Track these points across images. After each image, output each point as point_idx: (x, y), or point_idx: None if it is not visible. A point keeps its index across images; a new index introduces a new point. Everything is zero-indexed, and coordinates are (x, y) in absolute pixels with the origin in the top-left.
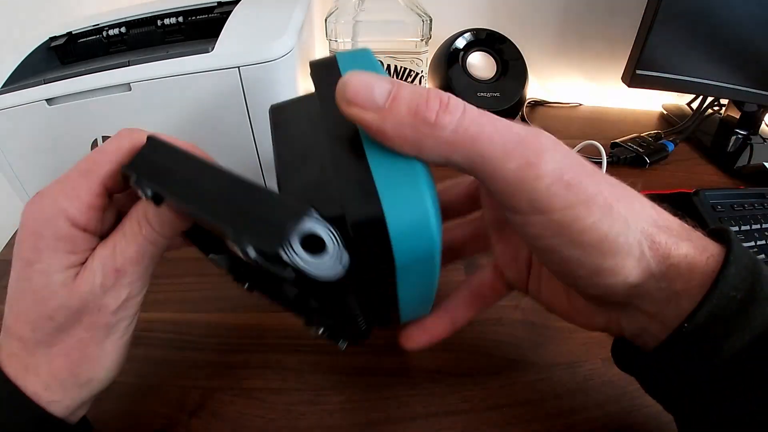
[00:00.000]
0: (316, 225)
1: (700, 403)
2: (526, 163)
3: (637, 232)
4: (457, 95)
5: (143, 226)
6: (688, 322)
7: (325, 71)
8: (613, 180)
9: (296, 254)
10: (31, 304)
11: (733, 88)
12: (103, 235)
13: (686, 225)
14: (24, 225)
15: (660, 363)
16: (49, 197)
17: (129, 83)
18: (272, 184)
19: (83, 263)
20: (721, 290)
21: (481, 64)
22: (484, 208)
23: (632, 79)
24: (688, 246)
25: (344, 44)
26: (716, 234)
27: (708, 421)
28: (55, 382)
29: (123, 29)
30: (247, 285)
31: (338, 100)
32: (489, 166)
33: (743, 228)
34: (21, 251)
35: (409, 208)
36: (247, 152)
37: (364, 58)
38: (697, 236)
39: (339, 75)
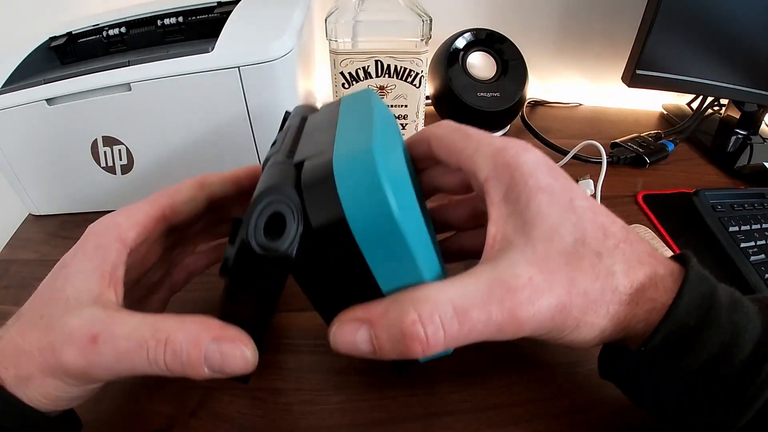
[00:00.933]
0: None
1: (665, 412)
2: (515, 331)
3: (608, 317)
4: (457, 95)
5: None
6: (645, 346)
7: (331, 104)
8: (587, 266)
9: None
10: (41, 301)
11: (733, 88)
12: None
13: (653, 264)
14: (80, 239)
15: (629, 376)
16: (109, 216)
17: (129, 83)
18: None
19: (104, 286)
20: (674, 318)
21: (481, 64)
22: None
23: (632, 79)
24: (653, 291)
25: (344, 44)
26: (680, 258)
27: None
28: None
29: (123, 29)
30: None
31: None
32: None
33: (743, 228)
34: (65, 255)
35: (363, 189)
36: (247, 152)
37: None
38: (662, 277)
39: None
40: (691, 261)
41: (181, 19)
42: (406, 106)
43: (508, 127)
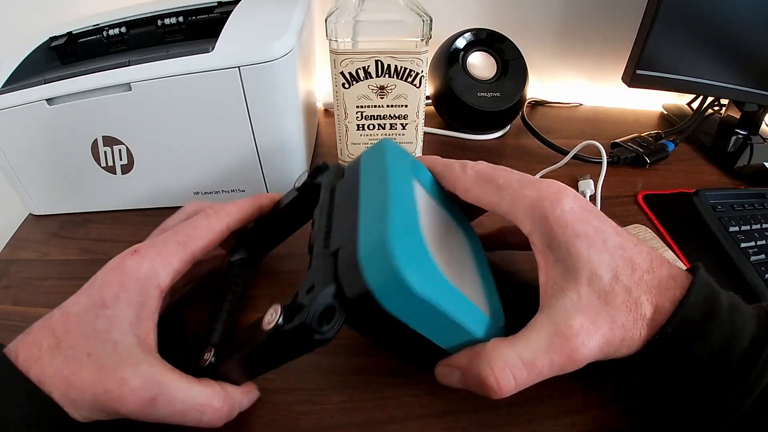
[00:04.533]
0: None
1: (674, 398)
2: (573, 368)
3: (641, 337)
4: (457, 95)
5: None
6: (659, 335)
7: (353, 165)
8: (621, 302)
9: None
10: (84, 337)
11: (733, 88)
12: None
13: (671, 285)
14: (114, 271)
15: (638, 365)
16: (148, 258)
17: (129, 83)
18: (272, 183)
19: (145, 332)
20: (682, 313)
21: (481, 64)
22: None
23: (632, 79)
24: (669, 304)
25: (344, 44)
26: (691, 269)
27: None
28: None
29: (123, 29)
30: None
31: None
32: None
33: (743, 228)
34: (102, 291)
35: (385, 277)
36: (246, 152)
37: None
38: (675, 284)
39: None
40: (699, 270)
41: (181, 19)
42: (406, 106)
43: (509, 127)
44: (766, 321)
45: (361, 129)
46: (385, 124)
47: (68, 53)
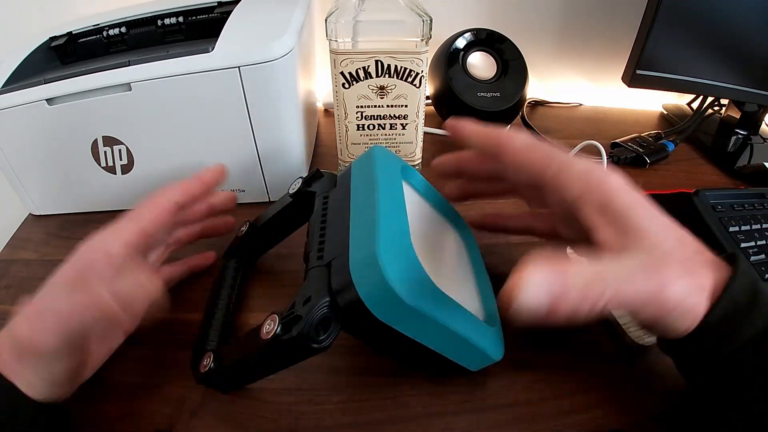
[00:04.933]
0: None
1: (715, 384)
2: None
3: (702, 309)
4: (457, 95)
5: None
6: (707, 317)
7: (344, 174)
8: (684, 268)
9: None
10: (45, 296)
11: (733, 88)
12: None
13: (713, 266)
14: (74, 258)
15: (688, 348)
16: (98, 235)
17: (129, 83)
18: (271, 182)
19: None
20: (728, 297)
21: (481, 64)
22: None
23: (632, 79)
24: (716, 274)
25: (344, 44)
26: (729, 256)
27: (722, 398)
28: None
29: (123, 29)
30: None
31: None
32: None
33: (743, 228)
34: (66, 275)
35: (376, 288)
36: (246, 152)
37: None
38: (718, 267)
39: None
40: (740, 257)
41: (181, 19)
42: (406, 106)
43: (509, 127)
44: None
45: (361, 129)
46: (385, 124)
47: (68, 53)
